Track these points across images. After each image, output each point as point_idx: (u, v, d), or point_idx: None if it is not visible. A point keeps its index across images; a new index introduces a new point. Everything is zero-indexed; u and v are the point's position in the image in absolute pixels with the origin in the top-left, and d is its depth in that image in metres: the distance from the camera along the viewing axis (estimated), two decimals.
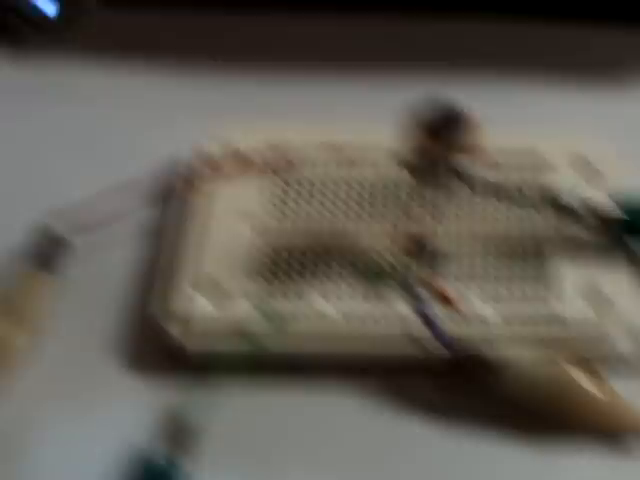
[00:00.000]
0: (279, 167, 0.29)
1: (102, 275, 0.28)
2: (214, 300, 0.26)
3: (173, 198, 0.30)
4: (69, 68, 0.35)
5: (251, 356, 0.25)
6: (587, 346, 0.25)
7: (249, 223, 0.28)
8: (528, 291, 0.26)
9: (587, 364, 0.25)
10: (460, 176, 0.26)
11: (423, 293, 0.25)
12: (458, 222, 0.28)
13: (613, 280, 0.27)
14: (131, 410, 0.25)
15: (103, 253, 0.29)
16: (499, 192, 0.28)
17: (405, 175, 0.26)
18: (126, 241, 0.29)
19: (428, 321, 0.25)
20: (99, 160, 0.32)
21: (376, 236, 0.27)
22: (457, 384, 0.25)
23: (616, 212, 0.27)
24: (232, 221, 0.28)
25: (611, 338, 0.25)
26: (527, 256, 0.27)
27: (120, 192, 0.29)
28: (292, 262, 0.27)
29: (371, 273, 0.27)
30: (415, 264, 0.27)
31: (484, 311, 0.26)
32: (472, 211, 0.28)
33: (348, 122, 0.30)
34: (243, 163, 0.29)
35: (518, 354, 0.25)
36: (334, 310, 0.26)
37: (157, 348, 0.26)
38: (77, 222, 0.28)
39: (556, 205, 0.27)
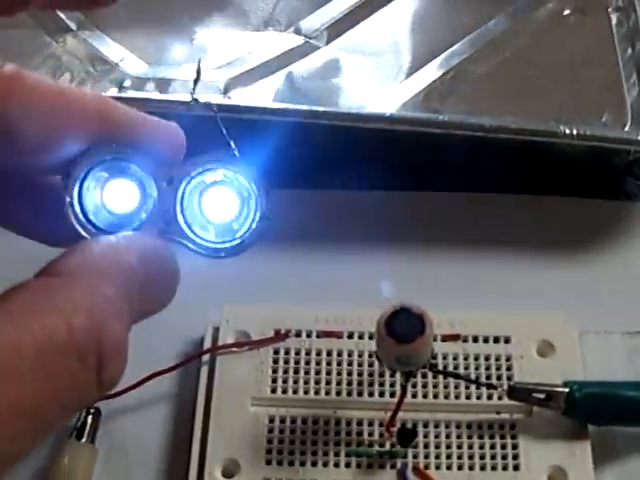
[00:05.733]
0: (278, 343, 0.34)
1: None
2: None
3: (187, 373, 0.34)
4: None
5: None
6: None
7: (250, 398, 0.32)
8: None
9: None
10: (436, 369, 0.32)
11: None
12: (435, 409, 0.32)
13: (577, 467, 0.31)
14: None
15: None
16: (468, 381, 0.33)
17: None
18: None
19: None
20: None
21: (366, 419, 0.32)
22: None
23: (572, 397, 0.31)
24: (234, 397, 0.33)
25: None
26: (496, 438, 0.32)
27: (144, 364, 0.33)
28: (292, 447, 0.32)
29: (364, 455, 0.31)
30: (403, 450, 0.31)
31: None
32: (448, 398, 0.32)
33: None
34: (247, 341, 0.34)
35: None
36: None
37: None
38: None
39: (520, 396, 0.32)
